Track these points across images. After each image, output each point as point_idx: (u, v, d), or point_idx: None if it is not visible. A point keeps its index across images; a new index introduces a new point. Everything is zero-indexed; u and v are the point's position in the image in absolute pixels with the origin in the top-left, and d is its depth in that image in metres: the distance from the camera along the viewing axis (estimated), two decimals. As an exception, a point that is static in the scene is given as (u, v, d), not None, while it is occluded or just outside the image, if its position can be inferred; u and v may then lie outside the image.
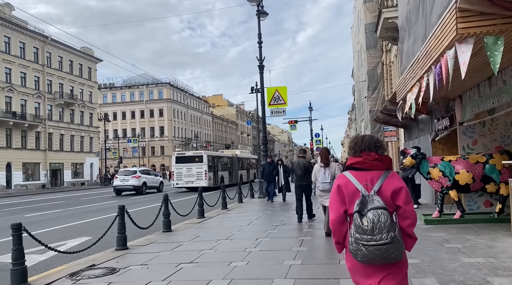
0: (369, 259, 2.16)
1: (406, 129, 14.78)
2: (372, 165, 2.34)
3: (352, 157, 2.43)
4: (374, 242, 2.11)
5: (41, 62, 42.96)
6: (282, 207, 12.43)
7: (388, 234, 2.10)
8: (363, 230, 2.15)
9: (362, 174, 2.34)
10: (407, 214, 2.25)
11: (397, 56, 25.51)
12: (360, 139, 2.49)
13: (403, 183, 2.31)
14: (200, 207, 10.41)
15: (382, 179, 2.29)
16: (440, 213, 7.77)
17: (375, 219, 2.13)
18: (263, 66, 16.68)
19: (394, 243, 2.11)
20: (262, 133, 17.12)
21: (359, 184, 2.30)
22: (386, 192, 2.26)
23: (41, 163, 42.47)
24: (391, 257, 2.14)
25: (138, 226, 7.33)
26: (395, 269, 2.23)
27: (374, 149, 2.39)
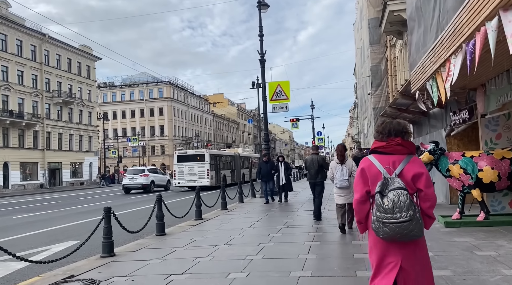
0: (390, 236, 2.30)
1: (416, 125, 14.03)
2: (395, 149, 2.46)
3: (377, 141, 2.56)
4: (394, 220, 2.26)
5: (39, 60, 42.28)
6: (286, 207, 11.72)
7: (408, 213, 2.24)
8: (384, 209, 2.30)
9: (385, 157, 2.47)
10: (428, 197, 2.39)
11: (402, 51, 24.75)
12: (388, 124, 2.57)
13: (424, 168, 2.43)
14: (198, 208, 9.70)
15: (404, 163, 2.43)
16: (461, 215, 7.04)
17: (395, 199, 2.27)
18: (264, 60, 15.95)
19: (413, 221, 2.25)
20: (264, 130, 16.40)
21: (382, 166, 2.44)
22: (407, 175, 2.40)
23: (39, 162, 41.82)
24: (411, 234, 2.27)
25: (127, 229, 6.62)
26: (415, 247, 2.37)
27: (401, 134, 2.50)
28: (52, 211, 14.82)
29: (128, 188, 25.07)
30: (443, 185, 10.02)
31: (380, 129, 2.60)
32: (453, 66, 4.59)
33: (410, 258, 2.36)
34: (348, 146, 79.31)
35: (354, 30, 45.62)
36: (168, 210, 8.21)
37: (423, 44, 11.70)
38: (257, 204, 13.30)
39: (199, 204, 9.69)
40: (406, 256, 2.36)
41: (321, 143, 43.91)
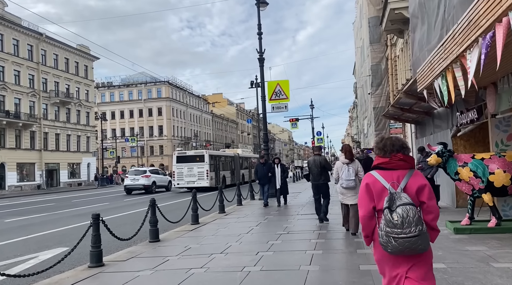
0: (399, 250, 2.35)
1: (419, 125, 13.67)
2: (397, 164, 2.54)
3: (379, 157, 2.63)
4: (404, 235, 2.30)
5: (36, 60, 41.87)
6: (285, 211, 11.32)
7: (417, 227, 2.30)
8: (394, 224, 2.33)
9: (389, 173, 2.54)
10: (431, 209, 2.46)
11: (403, 49, 24.37)
12: (388, 140, 2.68)
13: (426, 181, 2.51)
14: (194, 212, 9.31)
15: (407, 177, 2.50)
16: (471, 220, 6.67)
17: (404, 214, 2.31)
18: (263, 59, 15.58)
19: (421, 236, 2.31)
20: (263, 130, 16.02)
21: (386, 182, 2.50)
22: (411, 189, 2.46)
23: (36, 163, 41.41)
24: (419, 248, 2.34)
25: (118, 237, 6.23)
26: (421, 259, 2.43)
27: (401, 150, 2.58)
28: (45, 214, 14.42)
29: (130, 188, 25.27)
30: (448, 187, 9.66)
31: (381, 146, 2.67)
32: (469, 62, 4.21)
33: (415, 269, 2.45)
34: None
35: (354, 30, 45.25)
36: (162, 215, 7.83)
37: (427, 41, 11.33)
38: (255, 206, 12.92)
39: (195, 208, 9.31)
40: (412, 267, 2.45)
41: (321, 143, 43.53)
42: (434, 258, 2.58)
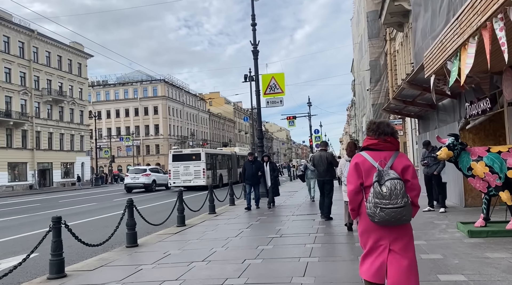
0: (385, 220, 2.60)
1: (421, 119, 12.91)
2: (385, 146, 2.81)
3: (369, 139, 2.88)
4: (391, 205, 2.58)
5: (27, 57, 40.97)
6: (279, 211, 10.53)
7: (403, 199, 2.59)
8: (382, 195, 2.60)
9: (377, 153, 2.81)
10: (414, 187, 2.74)
11: (403, 43, 23.62)
12: (377, 124, 2.89)
13: (410, 162, 2.82)
14: (180, 213, 8.54)
15: (393, 158, 2.78)
16: (486, 221, 5.93)
17: (392, 187, 2.60)
18: (257, 51, 14.81)
19: (406, 207, 2.60)
20: (257, 126, 15.26)
21: (375, 161, 2.77)
22: (397, 169, 2.73)
23: (28, 162, 40.54)
24: (403, 218, 2.62)
25: (86, 243, 5.47)
26: (402, 232, 2.71)
27: (390, 133, 2.84)
28: (26, 216, 13.61)
29: (130, 187, 25.68)
30: (456, 185, 8.93)
31: (374, 128, 2.87)
32: (499, 31, 3.45)
33: (397, 241, 2.67)
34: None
35: (352, 25, 44.51)
36: (142, 217, 7.07)
37: (431, 29, 10.54)
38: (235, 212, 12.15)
39: (181, 209, 8.53)
40: (394, 239, 2.67)
41: (318, 141, 42.76)
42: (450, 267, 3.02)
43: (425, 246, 5.25)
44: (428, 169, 8.41)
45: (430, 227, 6.64)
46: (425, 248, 5.13)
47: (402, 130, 23.94)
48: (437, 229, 6.46)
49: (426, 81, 8.58)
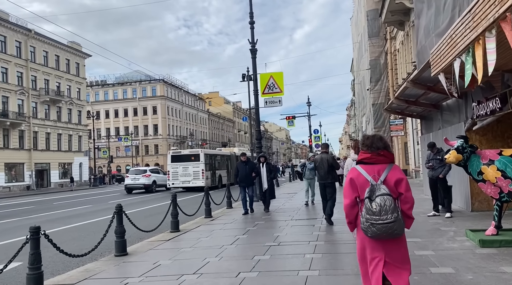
0: (377, 235, 2.75)
1: (424, 120, 12.54)
2: (378, 160, 2.93)
3: (363, 153, 2.99)
4: (381, 221, 2.71)
5: (24, 57, 40.59)
6: (277, 215, 10.06)
7: (393, 215, 2.71)
8: (373, 212, 2.74)
9: (370, 167, 2.92)
10: (407, 200, 2.87)
11: (404, 42, 23.25)
12: (372, 138, 3.02)
13: (403, 175, 2.91)
14: (174, 218, 8.16)
15: (387, 171, 2.89)
16: (498, 229, 5.56)
17: (382, 203, 2.72)
18: (255, 50, 14.43)
19: (396, 222, 2.72)
20: (255, 126, 14.87)
21: (368, 175, 2.88)
22: (390, 181, 2.86)
23: (25, 163, 40.19)
24: (395, 233, 2.75)
25: (69, 254, 5.09)
26: (396, 244, 2.84)
27: (382, 147, 2.95)
28: (15, 219, 13.17)
29: (130, 188, 25.60)
30: (462, 188, 8.56)
31: (368, 143, 2.99)
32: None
33: (392, 253, 2.84)
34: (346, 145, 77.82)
35: (352, 25, 44.12)
36: (132, 223, 6.70)
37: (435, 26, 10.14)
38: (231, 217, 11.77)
39: (175, 213, 8.15)
40: (388, 252, 2.84)
41: (318, 141, 42.38)
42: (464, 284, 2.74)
43: (433, 257, 4.87)
44: (433, 172, 8.03)
45: (437, 234, 6.27)
46: (434, 259, 4.75)
47: (403, 130, 23.58)
48: (445, 236, 6.09)
49: (431, 80, 8.20)
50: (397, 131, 23.62)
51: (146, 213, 13.12)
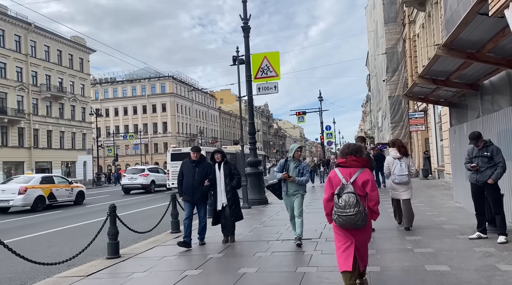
0: (343, 225, 3.47)
1: (454, 107, 10.03)
2: (351, 164, 3.64)
3: (340, 158, 3.75)
4: (345, 213, 3.40)
5: (24, 52, 39.14)
6: (240, 251, 6.00)
7: (354, 209, 3.38)
8: (339, 206, 3.45)
9: (345, 170, 3.63)
10: (372, 198, 3.55)
11: (425, 25, 20.53)
12: (346, 146, 3.82)
13: (370, 176, 3.60)
14: (112, 238, 5.88)
15: (357, 174, 3.58)
16: None
17: (346, 199, 3.42)
18: (248, 27, 12.13)
19: (358, 215, 3.38)
20: (249, 119, 12.58)
21: (342, 176, 3.58)
22: (358, 182, 3.55)
23: (25, 161, 38.79)
24: (357, 223, 3.42)
25: None
26: (362, 232, 3.55)
27: (355, 153, 3.67)
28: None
29: (128, 188, 24.45)
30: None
31: (341, 150, 3.84)
32: None
33: (359, 239, 3.56)
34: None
35: (366, 14, 41.31)
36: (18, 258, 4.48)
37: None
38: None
39: (114, 233, 5.89)
40: (356, 238, 3.55)
41: (331, 138, 39.84)
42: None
43: None
44: (478, 175, 5.52)
45: (497, 281, 3.84)
46: None
47: (423, 124, 20.93)
48: (510, 283, 3.68)
49: (474, 43, 5.75)
50: (417, 125, 20.98)
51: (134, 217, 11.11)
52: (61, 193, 16.66)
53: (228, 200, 6.58)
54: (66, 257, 5.53)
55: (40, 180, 16.11)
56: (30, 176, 18.22)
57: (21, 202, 14.70)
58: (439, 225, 6.90)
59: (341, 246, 3.55)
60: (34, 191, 15.12)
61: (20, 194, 14.61)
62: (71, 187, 17.45)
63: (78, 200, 17.54)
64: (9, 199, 14.58)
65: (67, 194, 17.01)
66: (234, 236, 6.74)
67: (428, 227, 6.78)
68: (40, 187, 15.52)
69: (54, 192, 16.07)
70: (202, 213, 6.60)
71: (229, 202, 6.58)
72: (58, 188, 16.48)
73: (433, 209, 8.94)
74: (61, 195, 16.64)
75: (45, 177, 16.99)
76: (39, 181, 15.95)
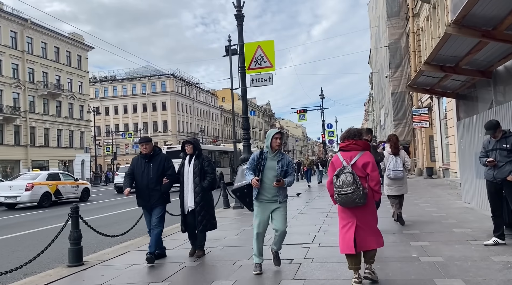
0: (343, 203, 3.67)
1: (462, 99, 9.23)
2: (351, 147, 3.81)
3: (341, 143, 3.94)
4: (343, 192, 3.60)
5: (20, 48, 38.52)
6: (211, 269, 4.60)
7: (351, 187, 3.56)
8: (337, 185, 3.65)
9: (346, 153, 3.82)
10: (373, 178, 3.71)
11: (430, 18, 19.70)
12: (346, 131, 3.95)
13: (371, 158, 3.78)
14: (74, 243, 5.14)
15: (358, 156, 3.76)
16: None
17: (344, 179, 3.61)
18: (242, 15, 11.36)
19: (355, 193, 3.55)
20: (243, 113, 11.82)
21: (343, 159, 3.78)
22: (359, 164, 3.72)
23: (21, 160, 38.19)
24: (356, 201, 3.58)
25: None
26: (364, 211, 3.70)
27: (354, 137, 3.82)
28: None
29: (120, 187, 23.47)
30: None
31: (342, 135, 3.98)
32: None
33: (361, 218, 3.69)
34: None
35: (369, 10, 40.45)
36: None
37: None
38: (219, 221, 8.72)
39: (75, 237, 5.12)
40: (359, 217, 3.68)
41: (332, 136, 39.01)
42: None
43: None
44: (496, 172, 4.70)
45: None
46: None
47: (428, 121, 20.11)
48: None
49: (489, 19, 4.96)
50: (421, 122, 20.16)
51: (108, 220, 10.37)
52: (67, 189, 16.88)
53: (196, 204, 5.17)
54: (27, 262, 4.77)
55: (47, 176, 16.44)
56: (37, 172, 18.41)
57: (28, 198, 15.04)
58: (448, 228, 6.12)
59: (343, 228, 3.72)
60: (41, 188, 15.44)
61: (27, 190, 14.93)
62: (76, 184, 17.82)
63: (84, 196, 17.72)
64: (16, 195, 14.92)
65: (72, 191, 17.25)
66: (204, 250, 5.31)
67: (436, 231, 6.00)
68: (46, 184, 15.85)
69: (60, 188, 16.37)
70: (156, 218, 5.20)
71: (197, 206, 5.16)
72: (64, 185, 16.76)
73: (440, 210, 8.16)
74: (67, 191, 16.84)
75: (51, 174, 17.28)
76: (45, 177, 16.25)
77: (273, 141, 4.29)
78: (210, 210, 5.34)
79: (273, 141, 4.29)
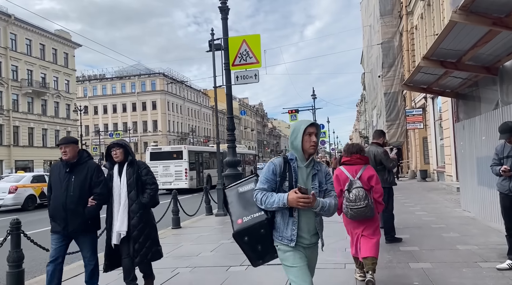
0: (354, 216, 3.87)
1: (463, 99, 8.54)
2: (356, 162, 4.04)
3: (344, 157, 4.17)
4: (357, 207, 3.79)
5: (3, 45, 37.30)
6: None
7: (364, 202, 3.78)
8: (350, 200, 3.82)
9: (350, 167, 4.04)
10: (377, 190, 3.97)
11: (424, 15, 19.07)
12: (350, 146, 4.27)
13: (374, 172, 4.06)
14: (13, 266, 4.28)
15: (362, 170, 3.99)
16: None
17: (356, 193, 3.80)
18: (227, 8, 10.57)
19: (367, 207, 3.79)
20: (227, 113, 11.05)
21: (348, 173, 3.99)
22: (364, 178, 3.96)
23: (4, 160, 36.98)
24: (367, 215, 3.84)
25: None
26: (370, 223, 3.94)
27: (359, 152, 4.08)
28: None
29: None
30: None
31: (345, 149, 4.30)
32: None
33: (367, 229, 3.95)
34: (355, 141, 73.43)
35: (361, 9, 39.87)
36: None
37: None
38: (205, 229, 7.95)
39: (15, 258, 4.26)
40: (365, 228, 3.95)
41: (324, 137, 38.38)
42: None
43: None
44: (510, 182, 4.03)
45: None
46: None
47: (422, 122, 19.50)
48: None
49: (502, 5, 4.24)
50: (415, 123, 19.55)
51: None
52: None
53: (133, 228, 3.79)
54: None
55: (31, 179, 16.02)
56: (21, 174, 17.84)
57: (11, 201, 14.67)
58: (450, 245, 5.39)
59: (353, 235, 4.06)
60: (25, 190, 15.09)
61: (10, 193, 14.59)
62: None
63: None
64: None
65: None
66: (153, 277, 4.06)
67: (437, 248, 5.27)
68: (31, 186, 15.43)
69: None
70: (88, 251, 3.99)
71: (133, 230, 3.78)
72: None
73: (438, 220, 7.45)
74: None
75: (36, 176, 16.74)
76: (30, 180, 15.85)
77: (305, 139, 2.49)
78: (151, 234, 3.94)
79: (305, 140, 2.49)
